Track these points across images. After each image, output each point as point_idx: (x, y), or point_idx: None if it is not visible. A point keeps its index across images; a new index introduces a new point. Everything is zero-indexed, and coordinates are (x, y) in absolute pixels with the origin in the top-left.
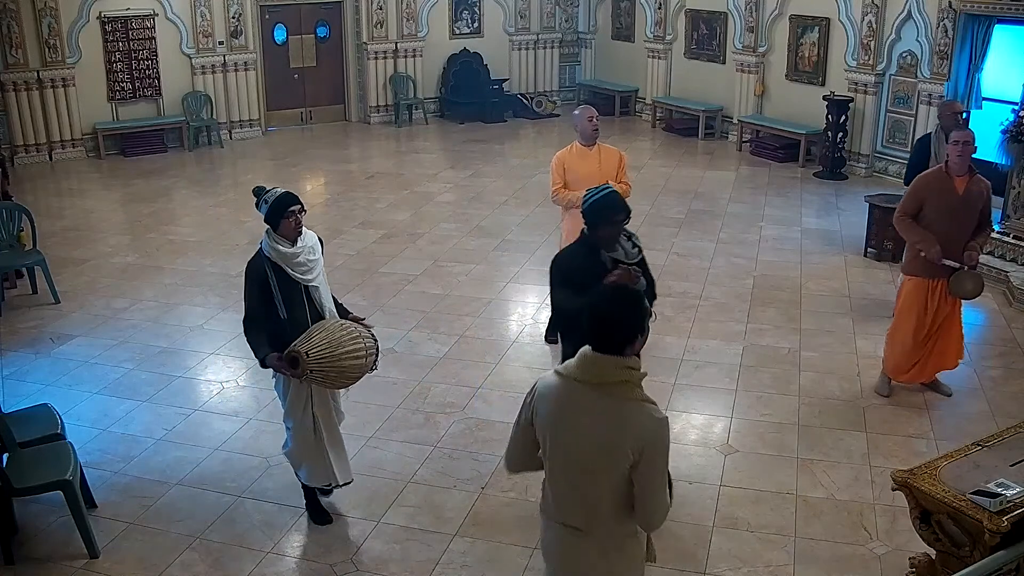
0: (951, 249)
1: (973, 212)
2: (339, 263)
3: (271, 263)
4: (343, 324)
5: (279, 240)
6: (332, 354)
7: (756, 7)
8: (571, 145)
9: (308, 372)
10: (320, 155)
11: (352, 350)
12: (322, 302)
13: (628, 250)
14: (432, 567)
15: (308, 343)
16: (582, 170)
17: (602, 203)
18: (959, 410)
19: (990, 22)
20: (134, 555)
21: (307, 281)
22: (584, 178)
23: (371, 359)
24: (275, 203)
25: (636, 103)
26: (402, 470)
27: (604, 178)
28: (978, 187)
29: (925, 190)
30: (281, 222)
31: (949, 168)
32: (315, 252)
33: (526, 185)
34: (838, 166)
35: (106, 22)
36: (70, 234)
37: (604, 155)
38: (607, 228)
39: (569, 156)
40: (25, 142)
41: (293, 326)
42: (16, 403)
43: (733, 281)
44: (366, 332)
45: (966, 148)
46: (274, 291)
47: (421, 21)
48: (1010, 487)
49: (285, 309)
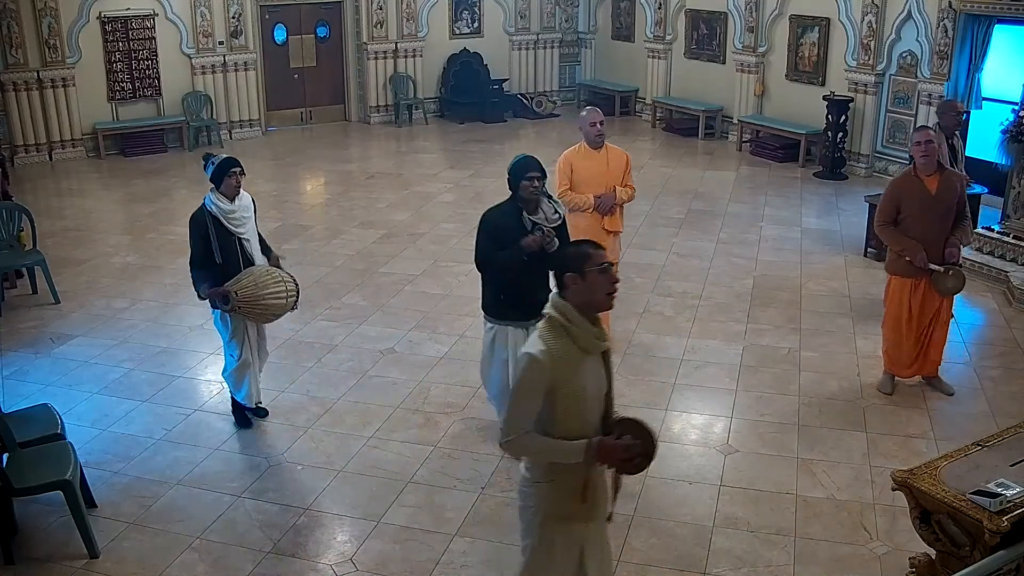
0: (932, 247)
1: (949, 208)
2: (339, 263)
3: (211, 216)
4: (269, 271)
5: (220, 198)
6: (257, 293)
7: (756, 7)
8: (578, 145)
9: (237, 307)
10: (320, 155)
11: (275, 291)
12: (252, 252)
13: (549, 215)
14: (432, 567)
15: (238, 284)
16: (589, 171)
17: (520, 163)
18: (959, 410)
19: (990, 22)
20: (134, 555)
21: (240, 234)
22: (591, 179)
23: (291, 300)
24: (220, 165)
25: (636, 103)
26: (402, 470)
27: (612, 180)
28: (950, 182)
29: (898, 194)
30: (224, 181)
31: (917, 169)
32: (248, 211)
33: None
34: (838, 166)
35: (106, 22)
36: (70, 234)
37: (612, 156)
38: (525, 184)
39: (576, 157)
40: (25, 142)
41: (226, 270)
42: (16, 403)
43: (733, 281)
44: (288, 277)
45: (928, 147)
46: (212, 240)
47: (421, 21)
48: (1010, 487)
49: (220, 256)
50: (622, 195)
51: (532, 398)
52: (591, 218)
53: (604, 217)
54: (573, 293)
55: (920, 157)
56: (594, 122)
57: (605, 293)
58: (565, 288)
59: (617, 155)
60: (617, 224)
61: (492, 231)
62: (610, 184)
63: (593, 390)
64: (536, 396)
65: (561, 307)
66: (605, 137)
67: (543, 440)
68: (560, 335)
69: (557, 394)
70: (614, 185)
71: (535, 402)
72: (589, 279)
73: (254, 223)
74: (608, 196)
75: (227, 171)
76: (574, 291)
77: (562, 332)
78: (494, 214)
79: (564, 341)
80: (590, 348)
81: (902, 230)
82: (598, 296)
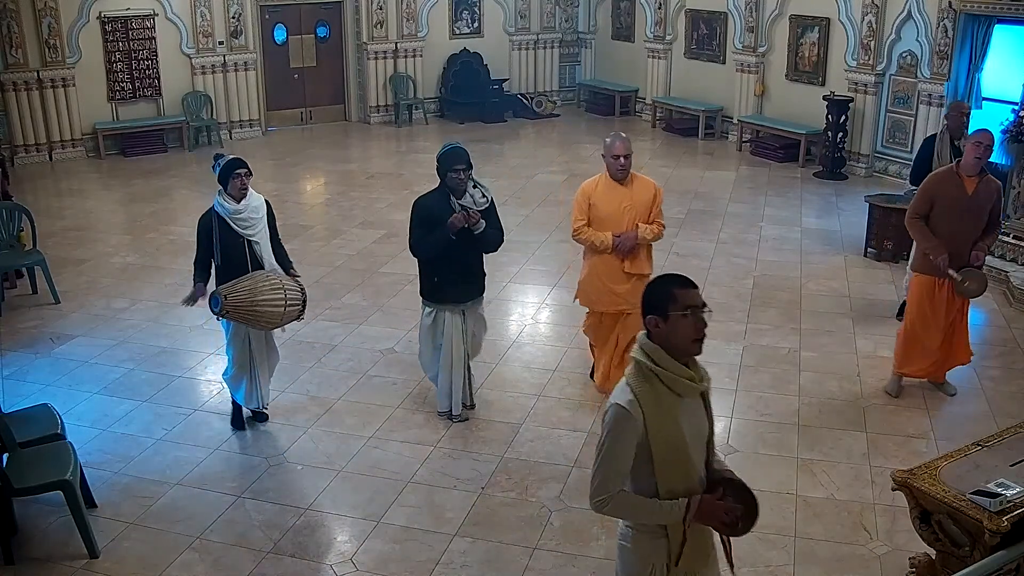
0: (958, 248)
1: (982, 212)
2: (339, 263)
3: (218, 217)
4: (270, 277)
5: (227, 199)
6: (249, 299)
7: (756, 7)
8: (600, 176)
9: (226, 311)
10: (320, 155)
11: (270, 299)
12: (262, 256)
13: (477, 199)
14: (432, 567)
15: (232, 288)
16: (610, 206)
17: (449, 155)
18: (959, 410)
19: (990, 22)
20: (134, 555)
21: (249, 235)
22: (612, 215)
23: (293, 310)
24: (226, 165)
25: (636, 103)
26: (402, 470)
27: (637, 216)
28: (988, 188)
29: (935, 189)
30: (229, 182)
31: (961, 167)
32: (258, 212)
33: (526, 185)
34: (838, 166)
35: (106, 22)
36: (70, 234)
37: (638, 189)
38: (451, 176)
39: (596, 190)
40: (25, 142)
41: (227, 272)
42: (16, 403)
43: (733, 281)
44: (292, 285)
45: (986, 152)
46: (215, 241)
47: (421, 21)
48: (1010, 487)
49: (221, 257)
50: (645, 233)
51: (622, 453)
52: (610, 259)
53: (625, 259)
54: (657, 336)
55: (973, 158)
56: (617, 155)
57: (691, 339)
58: (648, 331)
59: (644, 187)
60: (642, 266)
61: (423, 216)
62: (634, 220)
63: (693, 435)
64: (626, 451)
65: (649, 349)
66: (628, 171)
67: (638, 500)
68: (649, 380)
69: (652, 445)
70: (637, 222)
71: (626, 457)
72: (672, 322)
73: (266, 226)
74: (629, 235)
75: (232, 172)
76: (657, 334)
77: (651, 376)
78: (424, 200)
79: (654, 386)
80: (685, 391)
81: (932, 226)
82: (682, 341)
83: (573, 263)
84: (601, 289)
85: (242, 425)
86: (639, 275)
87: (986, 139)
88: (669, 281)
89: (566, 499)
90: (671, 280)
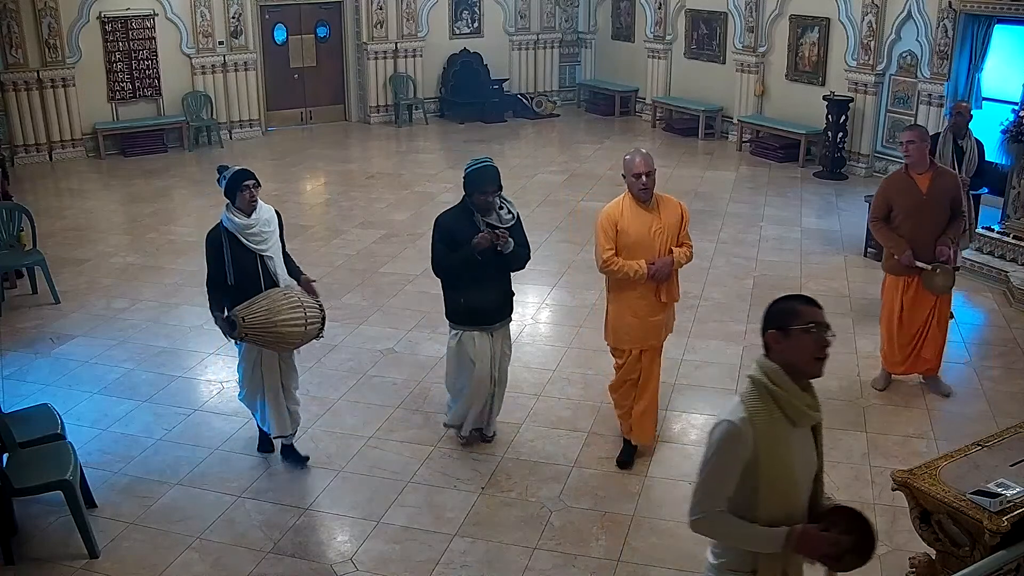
0: (923, 246)
1: (941, 207)
2: (339, 263)
3: (228, 233)
4: (287, 294)
5: (236, 212)
6: (269, 320)
7: (756, 7)
8: (621, 197)
9: (244, 334)
10: (320, 155)
11: (290, 318)
12: (275, 271)
13: (503, 216)
14: (432, 567)
15: (249, 309)
16: (640, 231)
17: (480, 175)
18: (959, 410)
19: (990, 22)
20: (134, 555)
21: (261, 251)
22: (642, 241)
23: (313, 328)
24: (232, 178)
25: (636, 103)
26: (402, 470)
27: (668, 240)
28: (942, 181)
29: (890, 191)
30: (237, 195)
31: (908, 167)
32: (270, 225)
33: (526, 185)
34: (838, 166)
35: (106, 22)
36: (70, 234)
37: (665, 211)
38: (480, 197)
39: (621, 214)
40: (25, 142)
41: (241, 291)
42: (16, 403)
43: (733, 281)
44: (311, 302)
45: (910, 147)
46: (226, 258)
47: (421, 21)
48: (1010, 487)
49: (234, 276)
50: (680, 258)
51: (728, 472)
52: (644, 289)
53: (661, 287)
54: (777, 353)
55: (905, 156)
56: (639, 172)
57: (813, 357)
58: (768, 348)
59: (671, 208)
60: (674, 292)
61: (445, 235)
62: (667, 244)
63: (801, 469)
64: (733, 470)
65: (767, 368)
66: (652, 190)
67: (738, 523)
68: (765, 400)
69: (759, 470)
70: (670, 246)
71: (731, 477)
72: (793, 338)
73: (279, 239)
74: (665, 261)
75: (240, 184)
76: (777, 351)
77: (767, 397)
78: (446, 218)
79: (769, 407)
80: (799, 418)
81: (894, 227)
82: (803, 360)
83: (573, 263)
84: (637, 324)
85: (270, 448)
86: (672, 302)
87: (906, 136)
88: (792, 297)
89: (566, 499)
90: (794, 297)
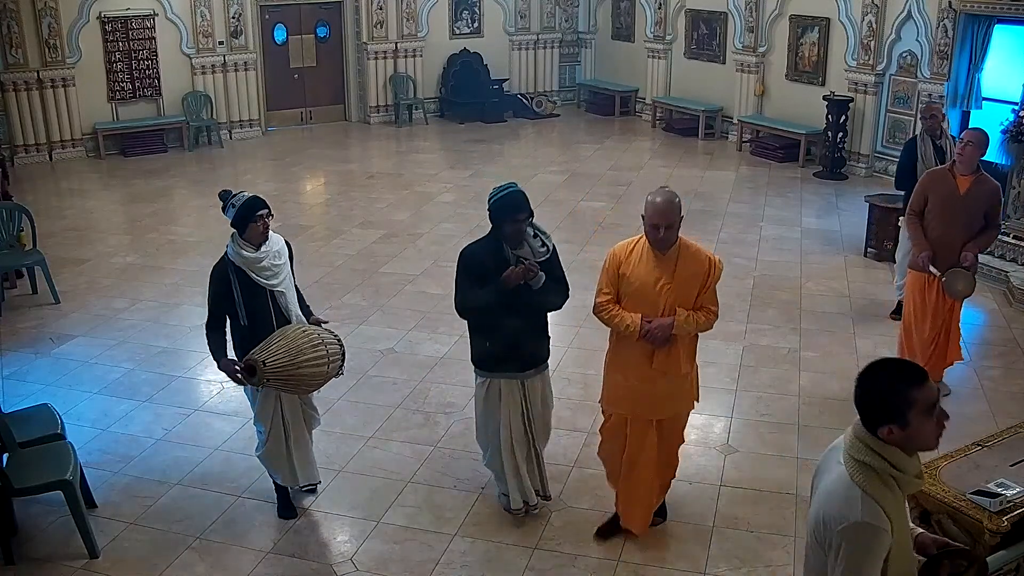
0: (949, 247)
1: (974, 212)
2: (339, 263)
3: (235, 267)
4: (305, 330)
5: (244, 245)
6: (291, 362)
7: (756, 7)
8: (638, 237)
9: (266, 380)
10: (320, 155)
11: (312, 358)
12: (288, 307)
13: (536, 248)
14: (432, 567)
15: (267, 351)
16: (645, 281)
17: (506, 202)
18: (959, 410)
19: (990, 22)
20: (134, 555)
21: (272, 286)
22: (641, 292)
23: (335, 365)
24: (243, 207)
25: (636, 103)
26: (402, 470)
27: (676, 298)
28: (982, 188)
29: (929, 186)
30: (248, 227)
31: (955, 166)
32: (280, 257)
33: (526, 185)
34: (838, 166)
35: (106, 22)
36: (70, 234)
37: (685, 263)
38: (510, 226)
39: (628, 256)
40: (25, 142)
41: (255, 332)
42: (16, 403)
43: (733, 281)
44: (330, 338)
45: (967, 147)
46: (236, 296)
47: (421, 21)
48: (1010, 487)
49: (246, 314)
50: (686, 323)
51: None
52: (637, 348)
53: (655, 351)
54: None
55: (958, 155)
56: (656, 224)
57: (936, 437)
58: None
59: (695, 262)
60: (678, 363)
61: (472, 269)
62: (673, 303)
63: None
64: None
65: (885, 452)
66: (672, 242)
67: None
68: (888, 484)
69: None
70: (678, 306)
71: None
72: (915, 427)
73: (290, 273)
74: (662, 322)
75: (252, 216)
76: (892, 440)
77: (889, 482)
78: (474, 249)
79: (891, 489)
80: (912, 489)
81: (925, 223)
82: (926, 442)
83: (573, 263)
84: (623, 386)
85: (293, 512)
86: (673, 374)
87: (968, 136)
88: (898, 376)
89: (566, 499)
90: (900, 375)
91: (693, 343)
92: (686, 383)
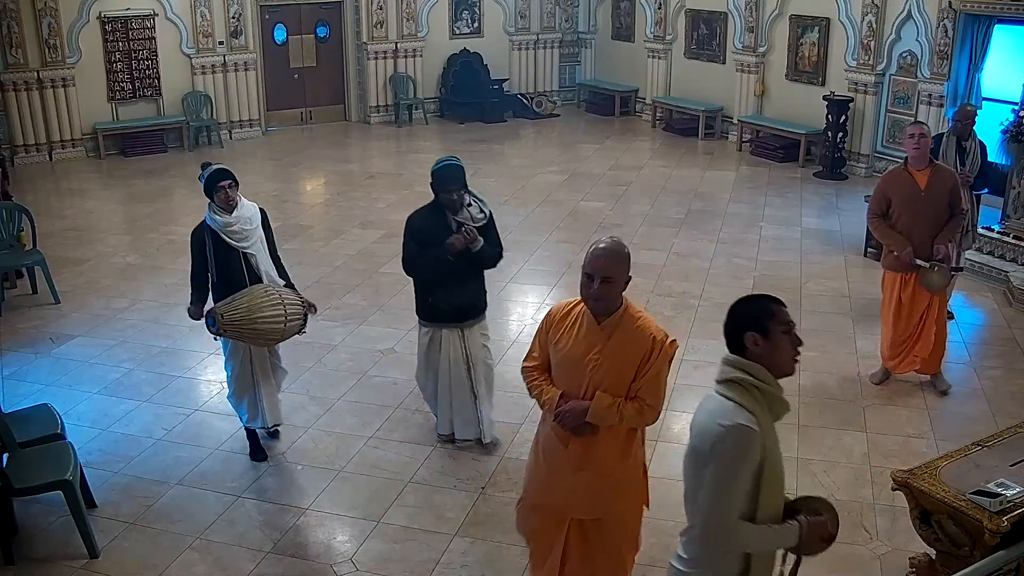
0: (920, 242)
1: (939, 204)
2: (339, 263)
3: (210, 230)
4: (268, 290)
5: (216, 211)
6: (247, 317)
7: (756, 7)
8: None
9: (224, 330)
10: (320, 155)
11: (270, 315)
12: (259, 267)
13: (474, 215)
14: (432, 567)
15: (229, 305)
16: (571, 350)
17: (442, 174)
18: (959, 410)
19: (990, 22)
20: (134, 555)
21: (244, 248)
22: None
23: (294, 324)
24: (208, 178)
25: (636, 103)
26: (402, 470)
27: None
28: (941, 178)
29: (888, 188)
30: (214, 195)
31: (908, 163)
32: (251, 222)
33: (526, 185)
34: (838, 166)
35: (106, 22)
36: (70, 234)
37: (621, 338)
38: (445, 196)
39: (563, 319)
40: (25, 142)
41: (225, 288)
42: (16, 403)
43: (733, 281)
44: (293, 299)
45: (921, 141)
46: (209, 256)
47: (421, 21)
48: (1010, 487)
49: (216, 273)
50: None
51: (744, 479)
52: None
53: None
54: (753, 355)
55: (911, 150)
56: (590, 274)
57: (792, 357)
58: (744, 349)
59: (636, 338)
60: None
61: (416, 234)
62: (597, 384)
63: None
64: (748, 476)
65: (752, 369)
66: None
67: (759, 530)
68: (758, 400)
69: (763, 469)
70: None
71: (746, 484)
72: (773, 339)
73: (262, 237)
74: (574, 406)
75: (215, 186)
76: (754, 352)
77: (755, 393)
78: (418, 216)
79: (762, 406)
80: (783, 413)
81: (892, 224)
82: (784, 360)
83: (573, 263)
84: (537, 465)
85: (264, 456)
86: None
87: (915, 130)
88: (761, 298)
89: None
90: (762, 297)
91: (632, 438)
92: (623, 484)
